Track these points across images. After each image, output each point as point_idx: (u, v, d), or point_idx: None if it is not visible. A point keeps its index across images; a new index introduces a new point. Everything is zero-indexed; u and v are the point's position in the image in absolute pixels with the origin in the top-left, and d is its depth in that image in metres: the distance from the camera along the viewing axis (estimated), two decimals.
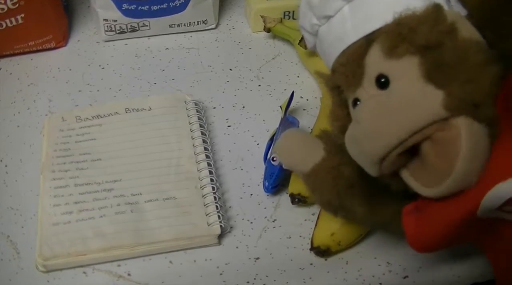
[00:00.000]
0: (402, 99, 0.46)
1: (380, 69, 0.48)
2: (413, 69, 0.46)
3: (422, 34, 0.45)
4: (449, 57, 0.45)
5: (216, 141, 0.73)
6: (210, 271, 0.61)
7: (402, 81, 0.46)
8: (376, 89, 0.48)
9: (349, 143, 0.49)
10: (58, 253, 0.61)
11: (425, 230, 0.48)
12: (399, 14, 0.47)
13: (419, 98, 0.45)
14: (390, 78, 0.47)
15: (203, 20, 0.87)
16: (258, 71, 0.82)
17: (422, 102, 0.45)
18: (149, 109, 0.73)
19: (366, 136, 0.47)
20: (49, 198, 0.65)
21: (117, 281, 0.60)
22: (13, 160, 0.71)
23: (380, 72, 0.48)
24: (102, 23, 0.85)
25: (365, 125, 0.47)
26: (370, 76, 0.49)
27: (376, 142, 0.46)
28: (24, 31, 0.82)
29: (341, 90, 0.53)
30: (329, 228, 0.62)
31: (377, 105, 0.47)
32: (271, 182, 0.66)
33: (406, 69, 0.46)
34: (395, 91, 0.47)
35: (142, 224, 0.62)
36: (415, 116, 0.44)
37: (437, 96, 0.44)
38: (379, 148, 0.46)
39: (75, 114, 0.74)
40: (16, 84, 0.81)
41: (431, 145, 0.45)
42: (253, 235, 0.64)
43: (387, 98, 0.47)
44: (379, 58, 0.48)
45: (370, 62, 0.49)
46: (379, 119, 0.46)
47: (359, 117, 0.48)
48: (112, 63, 0.84)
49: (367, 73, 0.49)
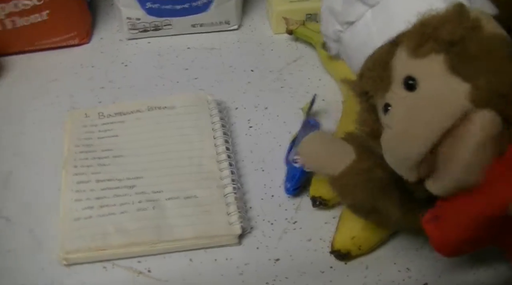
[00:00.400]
0: (430, 97, 0.46)
1: (407, 70, 0.48)
2: (438, 66, 0.46)
3: (447, 31, 0.45)
4: (474, 49, 0.45)
5: (238, 141, 0.73)
6: (229, 270, 0.61)
7: (430, 80, 0.46)
8: (405, 91, 0.48)
9: (385, 151, 0.49)
10: (79, 247, 0.61)
11: (449, 234, 0.47)
12: (422, 14, 0.48)
13: (445, 93, 0.45)
14: (418, 78, 0.47)
15: (225, 20, 0.87)
16: (279, 73, 0.82)
17: (448, 96, 0.45)
18: (172, 107, 0.74)
19: (399, 142, 0.47)
20: (71, 193, 0.65)
21: (137, 277, 0.61)
22: (35, 155, 0.72)
23: (407, 74, 0.48)
24: (126, 21, 0.85)
25: (397, 131, 0.47)
26: (398, 79, 0.49)
27: (410, 147, 0.46)
28: (49, 27, 0.83)
29: (369, 96, 0.53)
30: (350, 231, 0.62)
31: (406, 108, 0.47)
32: (293, 184, 0.66)
33: (431, 67, 0.46)
34: (423, 92, 0.47)
35: (163, 221, 0.63)
36: (443, 114, 0.44)
37: (463, 88, 0.44)
38: (414, 153, 0.46)
39: (98, 111, 0.74)
40: (40, 79, 0.82)
41: (448, 140, 0.45)
42: (274, 236, 0.64)
43: (416, 100, 0.47)
44: (405, 60, 0.48)
45: (396, 65, 0.49)
46: (409, 123, 0.46)
47: (391, 124, 0.48)
48: (135, 61, 0.84)
49: (394, 76, 0.49)
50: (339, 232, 0.63)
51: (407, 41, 0.48)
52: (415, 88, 0.47)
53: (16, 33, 0.81)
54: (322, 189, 0.64)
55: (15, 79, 0.82)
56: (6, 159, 0.71)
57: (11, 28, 0.80)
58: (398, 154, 0.47)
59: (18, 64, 0.84)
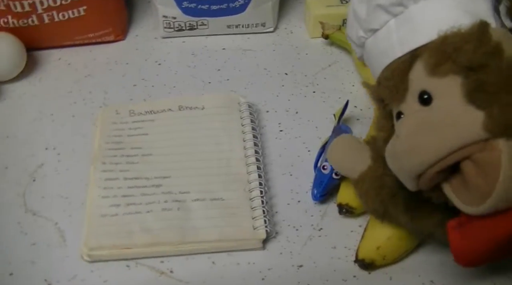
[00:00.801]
0: (442, 117, 0.46)
1: (423, 85, 0.48)
2: (455, 89, 0.46)
3: (466, 55, 0.46)
4: (492, 79, 0.45)
5: (267, 145, 0.72)
6: (252, 275, 0.61)
7: (444, 100, 0.47)
8: (418, 105, 0.48)
9: (388, 157, 0.50)
10: (103, 244, 0.61)
11: (470, 244, 0.47)
12: (444, 31, 0.48)
13: (459, 118, 0.45)
14: (433, 95, 0.47)
15: (261, 22, 0.87)
16: (313, 77, 0.81)
17: (462, 122, 0.45)
18: (202, 108, 0.74)
19: (404, 152, 0.47)
20: (98, 189, 0.66)
21: (159, 277, 0.61)
22: (66, 149, 0.72)
23: (423, 88, 0.48)
24: (161, 20, 0.85)
25: (404, 141, 0.48)
26: (414, 92, 0.49)
27: (413, 159, 0.46)
28: (85, 23, 0.83)
29: (385, 103, 0.54)
30: (375, 241, 0.61)
31: (417, 122, 0.48)
32: (320, 190, 0.65)
33: (448, 88, 0.47)
34: (436, 109, 0.47)
35: (188, 223, 0.62)
36: (454, 136, 0.45)
37: (477, 117, 0.44)
38: (416, 165, 0.46)
39: (129, 108, 0.74)
40: (74, 74, 0.82)
41: (471, 165, 0.45)
42: (298, 242, 0.63)
43: (428, 115, 0.47)
44: (422, 75, 0.49)
45: (414, 78, 0.50)
46: (418, 136, 0.47)
47: (400, 132, 0.48)
48: (169, 59, 0.85)
49: (410, 88, 0.50)
50: (364, 241, 0.62)
51: (427, 57, 0.48)
52: (429, 103, 0.48)
53: (53, 27, 0.82)
54: (349, 197, 0.63)
55: (50, 73, 0.82)
56: (37, 153, 0.72)
57: (48, 22, 0.81)
58: (401, 163, 0.48)
59: (54, 58, 0.85)
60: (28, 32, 0.81)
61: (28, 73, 0.82)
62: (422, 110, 0.48)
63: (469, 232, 0.47)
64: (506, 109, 0.44)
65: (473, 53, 0.45)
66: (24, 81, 0.82)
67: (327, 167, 0.64)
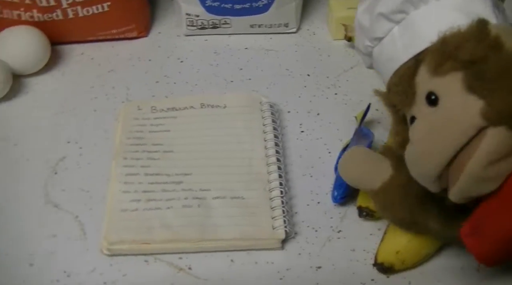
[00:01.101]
0: (447, 115, 0.47)
1: (428, 87, 0.49)
2: (456, 84, 0.47)
3: (466, 51, 0.46)
4: (492, 67, 0.46)
5: (288, 145, 0.72)
6: (270, 274, 0.61)
7: (448, 97, 0.48)
8: (427, 106, 0.49)
9: (408, 165, 0.51)
10: (123, 239, 0.61)
11: (489, 247, 0.48)
12: (443, 32, 0.49)
13: (461, 111, 0.46)
14: (439, 95, 0.48)
15: (284, 23, 0.87)
16: (335, 79, 0.81)
17: (463, 114, 0.46)
18: (224, 106, 0.74)
19: (419, 158, 0.49)
20: (119, 184, 0.66)
21: (177, 273, 0.61)
22: (87, 143, 0.73)
23: (429, 90, 0.49)
24: (185, 18, 0.86)
25: (416, 146, 0.49)
26: (421, 95, 0.50)
27: (427, 163, 0.48)
28: (109, 18, 0.84)
29: (397, 108, 0.55)
30: (394, 245, 0.61)
31: (425, 125, 0.49)
32: (340, 192, 0.65)
33: (450, 84, 0.47)
34: (442, 108, 0.48)
35: (207, 220, 0.63)
36: (458, 131, 0.46)
37: (477, 105, 0.45)
38: (430, 170, 0.48)
39: (151, 104, 0.75)
40: (96, 69, 0.83)
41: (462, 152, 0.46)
42: (317, 243, 0.63)
43: (435, 117, 0.48)
44: (426, 77, 0.50)
45: (419, 82, 0.51)
46: (428, 140, 0.48)
47: (413, 139, 0.50)
48: (191, 57, 0.85)
49: (418, 92, 0.51)
50: (383, 245, 0.62)
51: (429, 59, 0.49)
52: (437, 103, 0.48)
53: (77, 22, 0.83)
54: (369, 200, 0.63)
55: (73, 68, 0.83)
56: (59, 146, 0.72)
57: (73, 17, 0.82)
58: (418, 169, 0.49)
59: (77, 53, 0.85)
60: (53, 26, 0.82)
61: (52, 67, 0.83)
62: (431, 111, 0.49)
63: (482, 237, 0.48)
64: (505, 98, 0.44)
65: (473, 48, 0.46)
66: (48, 75, 0.82)
67: None
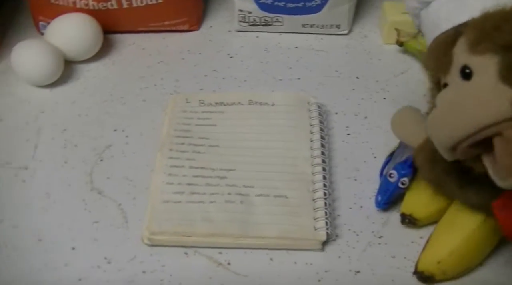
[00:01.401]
0: (476, 94, 0.47)
1: (464, 61, 0.50)
2: (491, 67, 0.47)
3: (504, 34, 0.47)
4: None
5: (334, 147, 0.72)
6: (308, 275, 0.61)
7: (481, 77, 0.48)
8: (460, 78, 0.50)
9: (428, 126, 0.52)
10: (164, 229, 0.62)
11: None
12: (487, 9, 0.49)
13: (490, 96, 0.46)
14: (473, 71, 0.49)
15: (336, 24, 0.86)
16: (384, 83, 0.80)
17: (493, 100, 0.46)
18: (273, 104, 0.74)
19: (438, 124, 0.49)
20: (163, 175, 0.66)
21: (216, 267, 0.61)
22: (134, 133, 0.73)
23: (464, 63, 0.49)
24: (237, 13, 0.86)
25: (439, 113, 0.49)
26: (456, 66, 0.51)
27: (444, 132, 0.49)
28: (162, 10, 0.84)
29: (433, 73, 0.56)
30: (436, 255, 0.60)
31: (452, 96, 0.49)
32: (385, 198, 0.64)
33: (485, 66, 0.48)
34: (473, 85, 0.48)
35: (249, 217, 0.63)
36: (484, 113, 0.46)
37: (508, 95, 0.45)
38: (446, 138, 0.48)
39: (199, 98, 0.75)
40: (147, 60, 0.84)
41: (500, 141, 0.46)
42: (357, 247, 0.63)
43: (464, 91, 0.49)
44: (464, 51, 0.50)
45: (457, 53, 0.51)
46: (450, 111, 0.48)
47: (437, 103, 0.50)
48: (241, 53, 0.85)
49: (454, 62, 0.51)
50: (425, 254, 0.61)
51: (468, 34, 0.50)
52: (470, 78, 0.49)
53: (130, 12, 0.83)
54: (413, 208, 0.63)
55: (124, 57, 0.84)
56: (106, 134, 0.73)
57: (126, 7, 0.83)
58: (435, 134, 0.50)
59: (128, 43, 0.86)
60: (106, 15, 0.83)
61: (103, 55, 0.84)
62: (463, 84, 0.49)
63: None
64: None
65: (511, 33, 0.47)
66: (99, 63, 0.83)
67: (394, 176, 0.64)
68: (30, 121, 0.75)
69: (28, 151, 0.72)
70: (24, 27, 0.89)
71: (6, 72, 0.81)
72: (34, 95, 0.79)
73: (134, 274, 0.60)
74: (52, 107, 0.77)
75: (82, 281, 0.60)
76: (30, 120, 0.75)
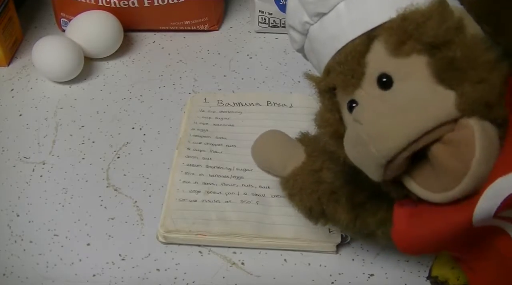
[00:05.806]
0: (412, 99, 0.44)
1: (384, 67, 0.46)
2: (421, 69, 0.44)
3: (430, 31, 0.44)
4: (459, 55, 0.43)
5: None
6: (322, 277, 0.60)
7: (410, 81, 0.45)
8: (377, 89, 0.46)
9: (350, 146, 0.47)
10: (180, 228, 0.62)
11: (416, 230, 0.46)
12: (403, 9, 0.45)
13: (430, 98, 0.43)
14: (394, 77, 0.45)
15: None
16: None
17: (434, 102, 0.43)
18: (291, 106, 0.74)
19: (372, 138, 0.44)
20: (180, 174, 0.66)
21: (230, 267, 0.61)
22: (151, 131, 0.74)
23: (383, 71, 0.46)
24: (257, 14, 0.86)
25: (370, 126, 0.44)
26: (372, 75, 0.47)
27: (383, 143, 0.43)
28: (183, 9, 0.85)
29: (333, 94, 0.51)
30: (451, 260, 0.60)
31: (381, 105, 0.45)
32: None
33: (414, 68, 0.45)
34: (402, 91, 0.45)
35: (265, 217, 0.63)
36: (427, 116, 0.43)
37: (448, 96, 0.43)
38: (387, 150, 0.43)
39: (217, 98, 0.75)
40: (166, 58, 0.84)
41: (442, 147, 0.43)
42: (372, 251, 0.63)
43: (393, 98, 0.45)
44: (383, 56, 0.46)
45: (372, 60, 0.47)
46: (385, 120, 0.44)
47: (361, 118, 0.45)
48: (260, 54, 0.85)
49: (368, 72, 0.47)
50: (439, 259, 0.60)
51: (387, 37, 0.46)
52: (390, 87, 0.45)
53: (151, 11, 0.84)
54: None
55: (144, 56, 0.84)
56: (124, 131, 0.74)
57: (148, 6, 0.83)
58: (367, 150, 0.44)
59: (148, 41, 0.87)
60: (127, 13, 0.83)
61: (123, 53, 0.84)
62: (382, 94, 0.45)
63: (418, 218, 0.46)
64: (477, 87, 0.42)
65: (437, 29, 0.44)
66: (118, 60, 0.84)
67: None
68: (48, 116, 0.76)
69: (46, 146, 0.72)
70: (45, 24, 0.90)
71: (27, 68, 0.82)
72: (54, 91, 0.79)
73: (148, 271, 0.60)
74: (71, 103, 0.78)
75: (96, 277, 0.60)
76: (48, 115, 0.76)
